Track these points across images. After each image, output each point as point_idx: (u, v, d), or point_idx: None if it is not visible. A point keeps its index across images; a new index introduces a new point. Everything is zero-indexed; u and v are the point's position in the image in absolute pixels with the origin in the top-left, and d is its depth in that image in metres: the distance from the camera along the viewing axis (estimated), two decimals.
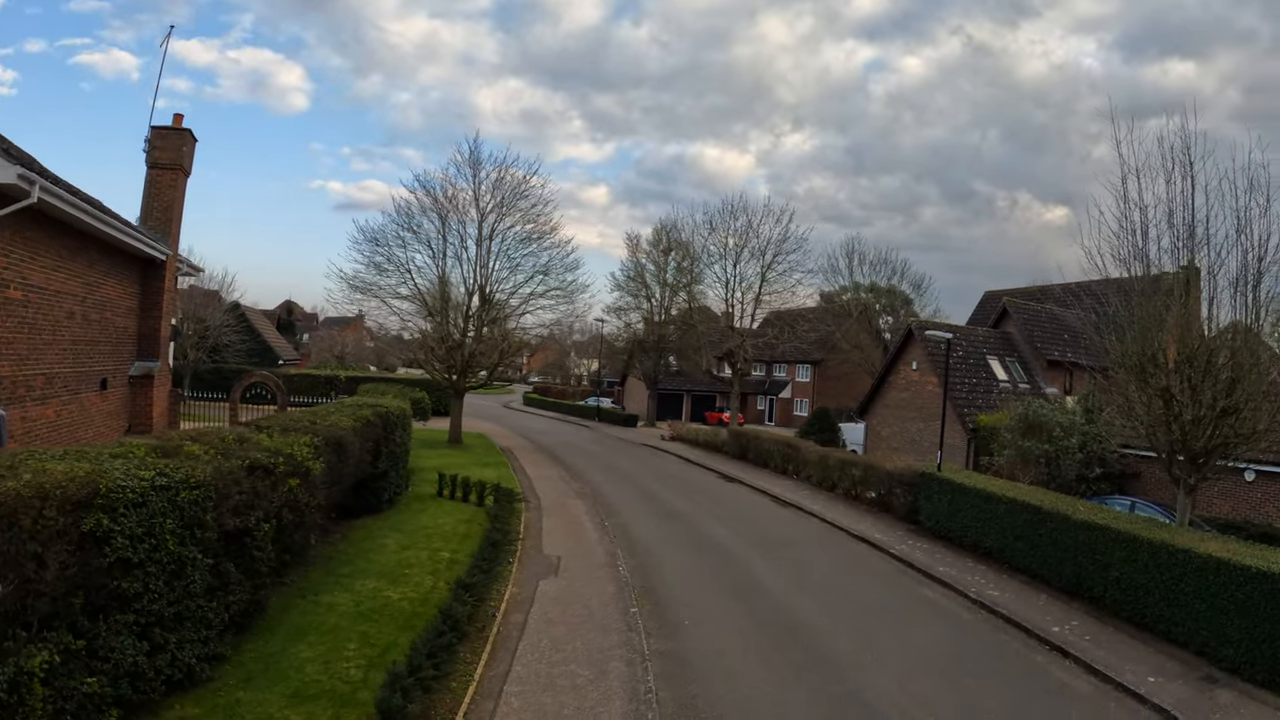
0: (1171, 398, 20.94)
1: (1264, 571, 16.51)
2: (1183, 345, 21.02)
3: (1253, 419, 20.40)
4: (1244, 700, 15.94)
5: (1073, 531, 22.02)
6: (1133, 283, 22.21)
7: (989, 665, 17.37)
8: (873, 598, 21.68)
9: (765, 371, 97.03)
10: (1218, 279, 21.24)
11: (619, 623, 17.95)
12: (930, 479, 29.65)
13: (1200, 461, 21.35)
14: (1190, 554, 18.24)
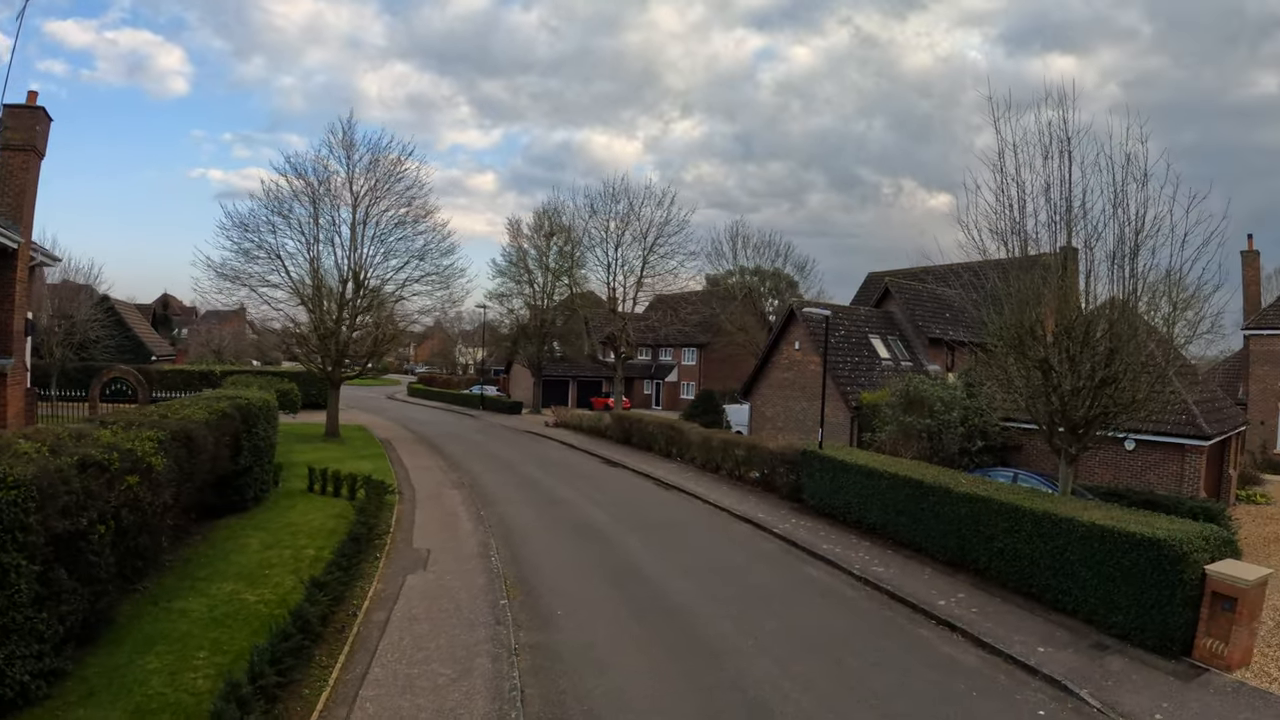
0: (1050, 369, 21.26)
1: (1148, 538, 16.77)
2: (1060, 318, 21.33)
3: (1131, 388, 20.74)
4: (1135, 666, 16.16)
5: (955, 504, 22.15)
6: (1011, 261, 22.55)
7: (874, 643, 17.23)
8: (755, 579, 21.37)
9: (651, 356, 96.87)
10: (1095, 253, 21.58)
11: (487, 616, 17.32)
12: (812, 457, 29.53)
13: (1080, 431, 21.67)
14: (1074, 522, 18.47)
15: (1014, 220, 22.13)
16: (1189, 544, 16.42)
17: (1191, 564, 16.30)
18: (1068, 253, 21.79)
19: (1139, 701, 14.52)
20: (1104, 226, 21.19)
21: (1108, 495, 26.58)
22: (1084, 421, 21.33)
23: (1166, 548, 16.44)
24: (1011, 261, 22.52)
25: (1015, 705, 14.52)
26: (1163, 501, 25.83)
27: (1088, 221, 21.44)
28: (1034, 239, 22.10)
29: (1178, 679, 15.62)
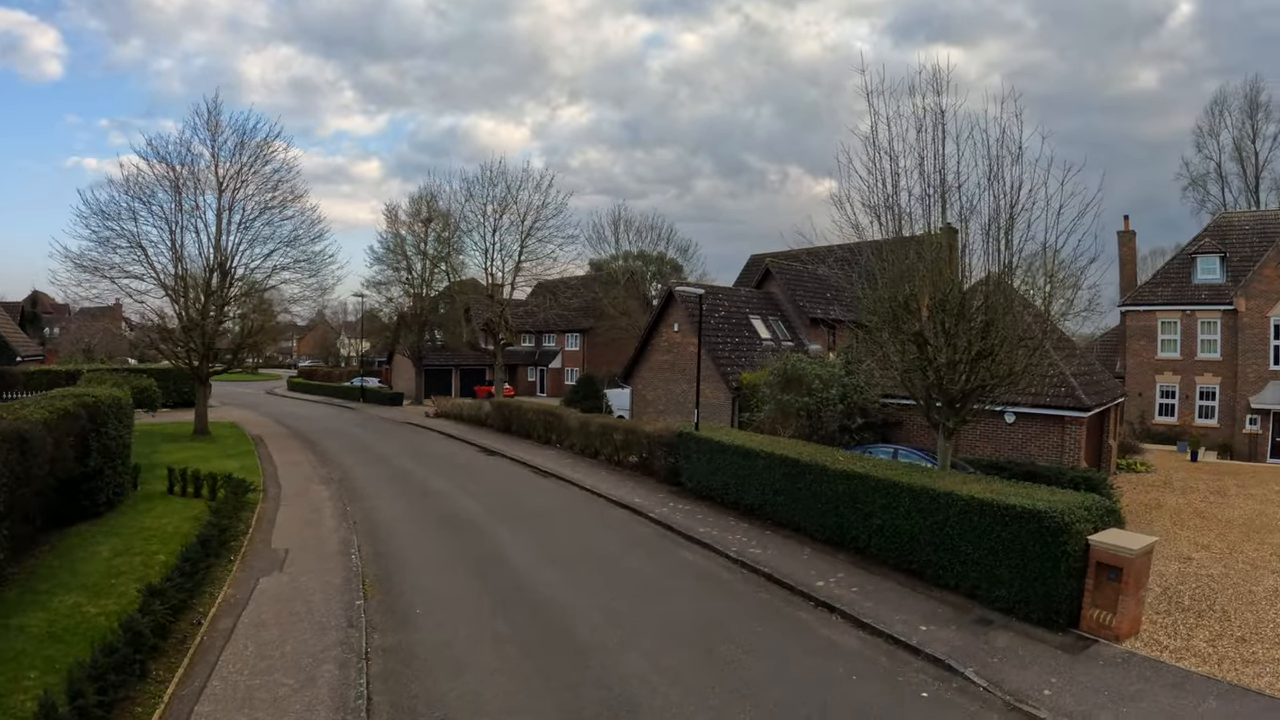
0: (925, 343, 20.88)
1: (1029, 510, 16.33)
2: (935, 291, 20.90)
3: (1008, 361, 20.44)
4: (1021, 641, 15.71)
5: (832, 482, 21.60)
6: (886, 237, 22.15)
7: (749, 628, 16.49)
8: (628, 566, 20.72)
9: (535, 342, 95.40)
10: (970, 226, 21.32)
11: (340, 619, 16.18)
12: (688, 439, 28.88)
13: (958, 405, 21.34)
14: (952, 497, 18.01)
15: (887, 194, 21.74)
16: (1070, 514, 15.99)
17: (1074, 534, 15.85)
18: (943, 226, 21.55)
19: (1026, 677, 14.02)
20: (979, 200, 20.91)
21: (990, 468, 26.48)
22: (961, 395, 20.98)
23: (1048, 519, 15.97)
24: (886, 240, 22.19)
25: (897, 688, 13.88)
26: (1044, 473, 25.80)
27: (963, 195, 21.13)
28: (908, 213, 21.72)
29: (1066, 652, 15.16)
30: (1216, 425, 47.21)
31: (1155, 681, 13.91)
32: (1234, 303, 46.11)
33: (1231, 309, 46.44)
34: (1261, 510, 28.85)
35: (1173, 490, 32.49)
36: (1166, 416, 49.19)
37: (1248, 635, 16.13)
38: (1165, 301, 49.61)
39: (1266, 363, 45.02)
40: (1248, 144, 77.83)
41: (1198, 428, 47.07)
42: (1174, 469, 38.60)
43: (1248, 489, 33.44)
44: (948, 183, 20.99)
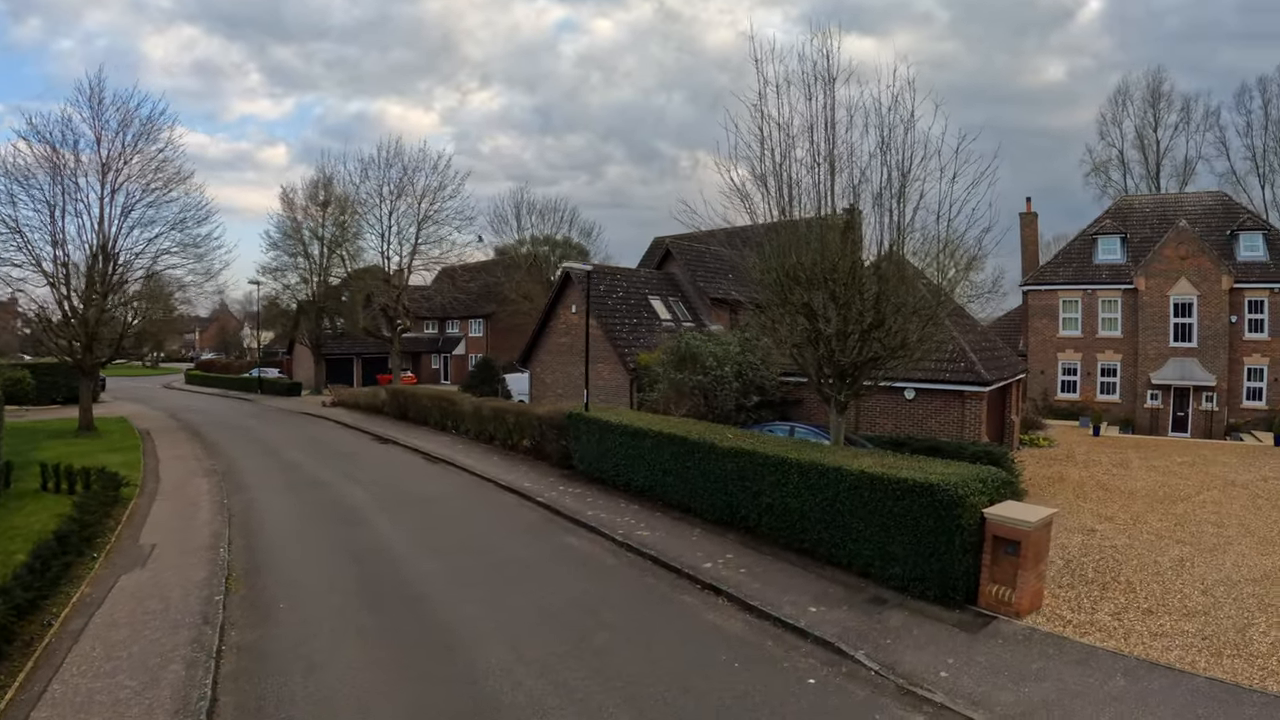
0: (814, 313, 20.05)
1: (921, 483, 15.43)
2: (824, 260, 19.99)
3: (902, 331, 19.70)
4: (916, 620, 14.83)
5: (720, 460, 20.65)
6: (773, 206, 21.29)
7: (630, 615, 15.49)
8: (510, 553, 19.71)
9: (438, 329, 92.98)
10: (862, 194, 20.56)
11: (196, 615, 15.02)
12: (578, 420, 27.93)
13: (849, 379, 20.52)
14: (842, 472, 17.07)
15: (775, 163, 20.77)
16: (965, 487, 15.10)
17: (969, 508, 14.97)
18: (847, 207, 20.82)
19: (921, 659, 13.13)
20: (870, 169, 20.21)
21: (890, 445, 25.88)
22: (852, 367, 20.19)
23: (940, 492, 15.05)
24: (776, 210, 21.32)
25: (783, 675, 12.87)
26: (945, 448, 25.38)
27: (854, 163, 20.37)
28: (797, 182, 20.81)
29: (963, 630, 14.28)
30: (1118, 401, 47.89)
31: (1058, 659, 13.08)
32: (1134, 282, 46.66)
33: (1132, 288, 47.06)
34: (1164, 482, 28.74)
35: (1076, 464, 32.37)
36: (1069, 393, 49.66)
37: (1154, 607, 15.48)
38: (1067, 281, 50.16)
39: (1166, 340, 45.69)
40: (1149, 132, 79.88)
41: (1100, 403, 47.84)
42: (1077, 443, 38.73)
43: (1150, 461, 33.56)
44: (838, 152, 20.25)
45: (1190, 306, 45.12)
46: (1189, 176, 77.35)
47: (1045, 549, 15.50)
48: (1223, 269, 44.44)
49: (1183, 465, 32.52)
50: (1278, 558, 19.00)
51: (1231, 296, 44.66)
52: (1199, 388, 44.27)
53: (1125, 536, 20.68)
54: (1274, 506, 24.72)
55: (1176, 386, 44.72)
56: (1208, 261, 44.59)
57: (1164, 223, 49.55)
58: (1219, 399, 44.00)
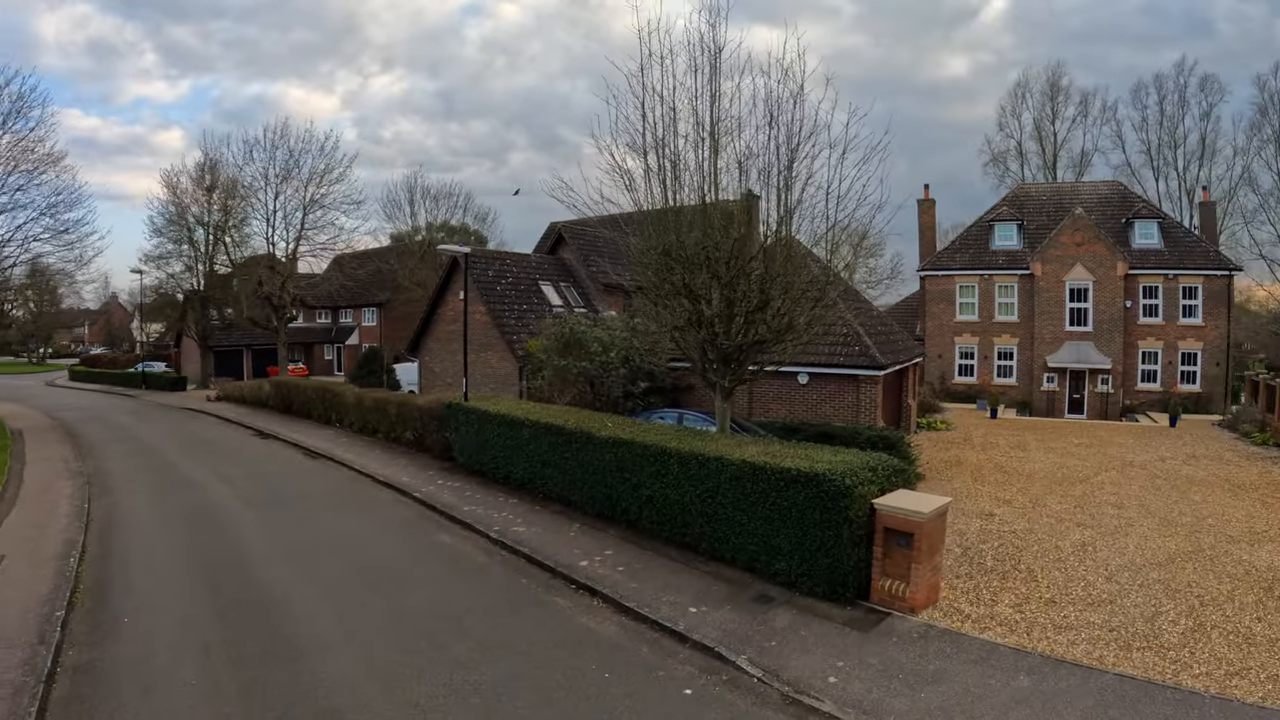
0: (696, 295, 18.80)
1: (806, 473, 14.31)
2: (705, 237, 18.78)
3: (789, 313, 18.58)
4: (804, 619, 13.71)
5: (598, 451, 19.43)
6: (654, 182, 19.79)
7: (497, 621, 14.14)
8: (376, 553, 18.29)
9: (332, 318, 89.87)
10: (748, 171, 19.18)
11: (32, 634, 13.32)
12: (457, 410, 26.52)
13: (734, 365, 19.28)
14: (723, 462, 15.94)
15: (656, 138, 19.31)
16: (853, 476, 13.98)
17: (857, 499, 13.83)
18: (744, 192, 19.51)
19: (809, 663, 12.01)
20: (757, 144, 18.94)
21: (783, 431, 24.97)
22: (738, 351, 18.94)
23: (827, 482, 13.92)
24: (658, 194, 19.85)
25: (657, 685, 11.66)
26: (839, 433, 24.48)
27: (741, 139, 19.12)
28: (679, 158, 19.37)
29: (855, 629, 13.18)
30: (1015, 384, 48.27)
31: (957, 658, 12.06)
32: (1031, 268, 47.14)
33: (1028, 274, 47.49)
34: (1062, 463, 28.44)
35: (973, 447, 31.93)
36: (966, 376, 49.82)
37: (1057, 596, 14.65)
38: (964, 267, 50.36)
39: (1062, 324, 46.17)
40: (1047, 125, 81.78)
41: (997, 386, 48.03)
42: (975, 426, 38.53)
43: (1047, 443, 33.37)
44: (725, 127, 19.02)
45: (1086, 292, 45.69)
46: (1085, 168, 79.21)
47: (940, 540, 14.46)
48: (1118, 255, 45.18)
49: (1080, 446, 32.41)
50: (1180, 539, 18.53)
51: (1126, 282, 45.48)
52: (1095, 370, 44.76)
53: (1025, 520, 20.01)
54: (1173, 487, 24.50)
55: (1073, 369, 45.17)
56: (1103, 248, 45.22)
57: (1061, 210, 50.10)
58: (1114, 381, 44.59)
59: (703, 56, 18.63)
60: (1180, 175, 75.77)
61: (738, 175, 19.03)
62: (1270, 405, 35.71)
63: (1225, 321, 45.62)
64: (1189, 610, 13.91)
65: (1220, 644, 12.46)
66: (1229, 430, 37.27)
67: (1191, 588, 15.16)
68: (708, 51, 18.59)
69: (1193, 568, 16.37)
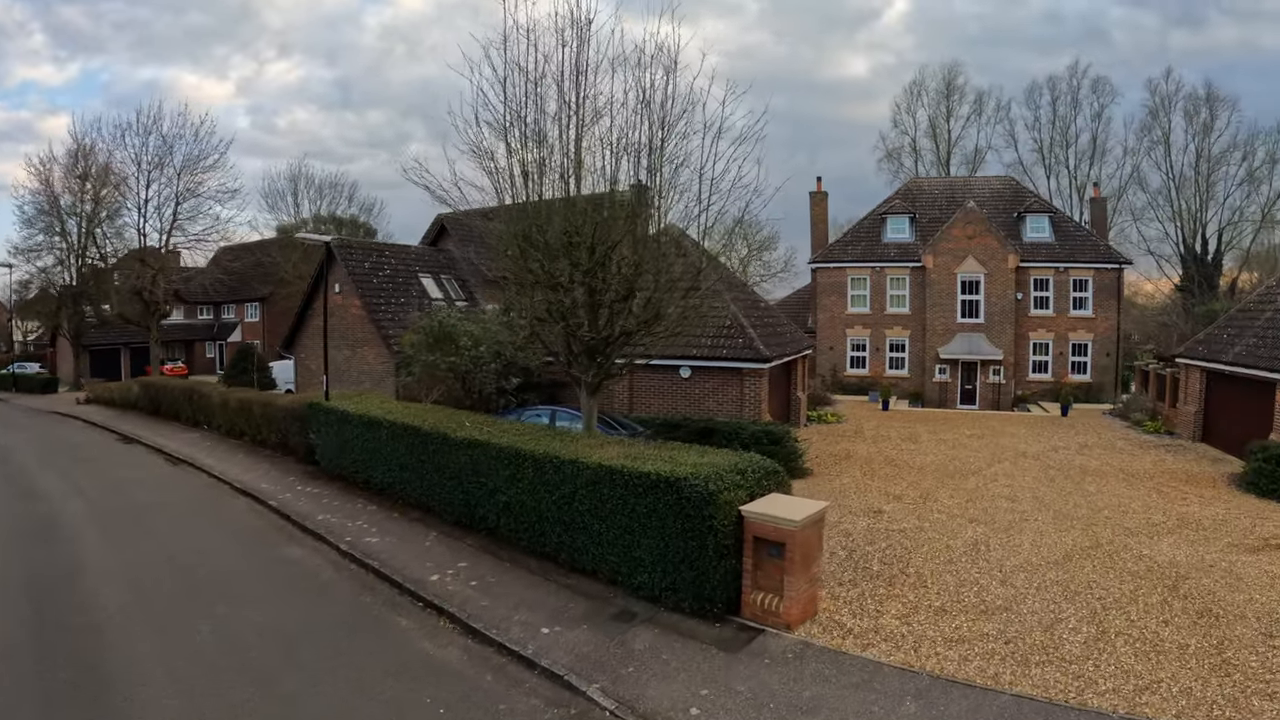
0: (558, 284, 17.30)
1: (666, 478, 12.88)
2: (568, 222, 17.28)
3: (657, 303, 17.28)
4: (667, 639, 12.27)
5: (454, 453, 17.90)
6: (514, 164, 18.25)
7: (332, 648, 12.54)
8: (218, 570, 16.45)
9: (213, 314, 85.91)
10: (619, 153, 17.62)
11: None
12: (319, 410, 24.61)
13: (600, 359, 17.90)
14: (579, 465, 14.54)
15: (515, 112, 17.79)
16: (718, 481, 12.59)
17: (722, 505, 12.41)
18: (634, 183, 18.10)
19: (669, 692, 10.64)
20: (630, 124, 17.36)
21: (664, 427, 23.97)
22: (604, 344, 17.58)
23: (688, 488, 12.50)
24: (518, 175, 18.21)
25: None
26: (722, 428, 23.56)
27: (612, 114, 17.48)
28: (542, 136, 17.84)
29: (723, 650, 11.74)
30: (907, 375, 47.95)
31: (836, 682, 10.74)
32: (923, 260, 47.02)
33: (920, 266, 47.35)
34: (954, 455, 27.73)
35: (864, 439, 31.05)
36: (858, 369, 49.29)
37: (948, 604, 13.47)
38: (856, 259, 49.86)
39: (954, 316, 46.06)
40: (942, 122, 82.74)
41: (889, 378, 47.66)
42: (866, 418, 37.83)
43: (939, 435, 32.74)
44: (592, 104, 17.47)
45: (978, 284, 45.63)
46: (978, 165, 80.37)
47: (817, 548, 13.07)
48: (1009, 249, 45.23)
49: (972, 438, 31.89)
50: (1077, 533, 17.77)
51: (1018, 275, 45.59)
52: (986, 361, 44.63)
53: (915, 517, 19.01)
54: (1067, 477, 24.03)
55: (964, 361, 45.03)
56: (994, 241, 45.22)
57: (953, 204, 50.14)
58: (1006, 372, 44.53)
59: (570, 29, 17.14)
60: (1071, 174, 77.73)
61: (608, 157, 17.46)
62: (1161, 394, 36.19)
63: (1115, 313, 46.03)
64: (1091, 615, 12.88)
65: (1126, 654, 11.37)
66: (1120, 419, 37.55)
67: (1092, 588, 14.20)
68: (577, 24, 17.12)
69: (1092, 565, 15.48)
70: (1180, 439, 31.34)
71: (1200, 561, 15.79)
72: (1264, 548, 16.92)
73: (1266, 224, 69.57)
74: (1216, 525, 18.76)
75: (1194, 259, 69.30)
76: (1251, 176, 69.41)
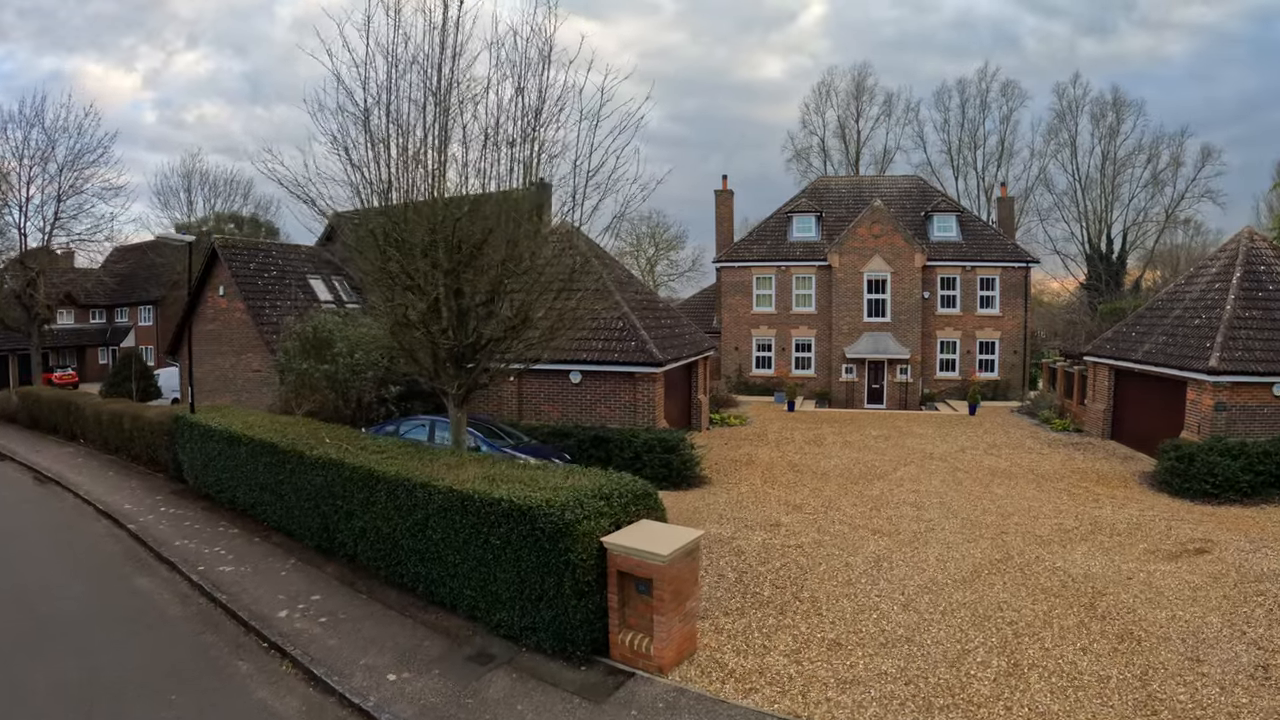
0: (415, 285, 15.57)
1: (520, 507, 11.43)
2: (431, 216, 15.58)
3: (527, 305, 15.73)
4: (526, 686, 10.81)
5: (310, 473, 16.28)
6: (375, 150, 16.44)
7: (162, 699, 10.87)
8: (59, 608, 14.50)
9: (106, 318, 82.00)
10: (490, 142, 15.95)
11: None
12: (184, 425, 22.73)
13: (467, 367, 16.24)
14: (431, 490, 13.04)
15: (375, 98, 16.03)
16: (577, 510, 11.15)
17: (581, 538, 10.95)
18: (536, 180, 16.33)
19: None
20: (502, 111, 15.78)
21: (553, 435, 22.79)
22: (470, 351, 15.95)
23: (542, 518, 11.07)
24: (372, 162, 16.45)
25: None
26: (614, 436, 22.37)
27: (489, 104, 15.88)
28: (406, 120, 16.07)
29: (587, 699, 10.31)
30: (814, 375, 47.33)
31: None
32: (828, 259, 46.33)
33: (826, 265, 46.71)
34: (859, 458, 26.74)
35: (767, 443, 29.91)
36: (764, 369, 48.49)
37: (844, 635, 12.16)
38: (761, 258, 49.13)
39: (860, 315, 45.46)
40: (851, 123, 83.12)
41: (795, 378, 46.84)
42: (771, 420, 36.80)
43: (845, 436, 31.80)
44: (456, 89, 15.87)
45: (884, 283, 45.10)
46: (887, 166, 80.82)
47: (691, 583, 11.60)
48: (916, 247, 44.74)
49: (879, 439, 31.03)
50: (986, 544, 16.75)
51: (925, 273, 45.22)
52: (894, 361, 44.10)
53: (815, 530, 17.81)
54: (974, 480, 23.21)
55: (871, 360, 44.45)
56: (901, 239, 44.74)
57: (860, 203, 49.72)
58: (913, 371, 44.05)
59: (439, 7, 15.60)
60: (979, 175, 78.80)
61: (478, 148, 15.76)
62: (1069, 391, 36.02)
63: (1023, 312, 45.91)
64: (1002, 644, 11.67)
65: (1041, 691, 10.17)
66: (1028, 416, 37.30)
67: (1003, 610, 13.03)
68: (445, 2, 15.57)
69: (1002, 583, 14.37)
70: (1089, 436, 31.02)
71: (1117, 573, 14.85)
72: (1181, 554, 16.11)
73: (1170, 224, 71.45)
74: (1131, 529, 17.98)
75: (1100, 258, 70.71)
76: (1156, 179, 71.48)
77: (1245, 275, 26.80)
